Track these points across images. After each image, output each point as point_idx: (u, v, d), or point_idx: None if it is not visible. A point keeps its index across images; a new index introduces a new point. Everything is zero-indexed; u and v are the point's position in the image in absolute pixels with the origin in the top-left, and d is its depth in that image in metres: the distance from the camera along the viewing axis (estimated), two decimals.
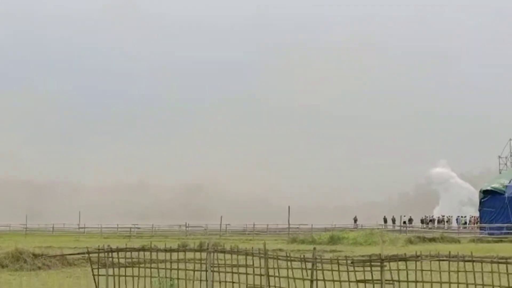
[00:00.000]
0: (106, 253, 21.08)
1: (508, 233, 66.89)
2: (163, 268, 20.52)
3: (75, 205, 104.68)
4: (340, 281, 18.33)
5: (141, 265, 20.91)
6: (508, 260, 17.08)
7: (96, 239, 53.84)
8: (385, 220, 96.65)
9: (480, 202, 78.43)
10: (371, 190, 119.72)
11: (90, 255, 21.68)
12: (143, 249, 21.27)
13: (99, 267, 20.96)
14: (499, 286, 16.79)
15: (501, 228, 69.86)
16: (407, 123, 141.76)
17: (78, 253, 25.58)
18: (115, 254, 21.04)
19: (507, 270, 16.76)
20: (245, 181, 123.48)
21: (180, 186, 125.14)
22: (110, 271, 20.66)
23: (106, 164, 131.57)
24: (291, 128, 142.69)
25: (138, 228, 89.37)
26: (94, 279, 20.66)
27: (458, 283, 17.27)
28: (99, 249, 21.24)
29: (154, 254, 20.89)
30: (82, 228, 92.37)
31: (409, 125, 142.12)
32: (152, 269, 20.60)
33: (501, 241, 60.61)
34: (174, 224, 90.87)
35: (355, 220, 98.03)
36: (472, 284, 17.03)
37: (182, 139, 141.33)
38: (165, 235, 71.58)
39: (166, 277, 20.14)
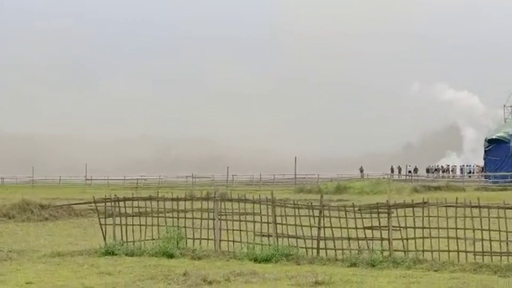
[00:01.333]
0: (113, 203, 21.13)
1: None
2: (170, 217, 20.58)
3: (81, 157, 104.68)
4: (347, 228, 18.41)
5: (148, 215, 20.98)
6: None
7: (103, 190, 53.98)
8: (392, 170, 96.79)
9: (485, 151, 78.52)
10: (376, 140, 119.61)
11: (97, 205, 21.74)
12: (150, 198, 21.31)
13: (106, 216, 21.03)
14: (505, 231, 16.85)
15: (505, 177, 69.94)
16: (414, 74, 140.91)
17: (85, 203, 25.66)
18: (121, 204, 21.10)
19: None
20: (251, 134, 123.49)
21: (186, 139, 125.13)
22: (117, 221, 20.73)
23: (109, 118, 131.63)
24: (294, 83, 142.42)
25: (145, 179, 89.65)
26: (101, 229, 20.74)
27: (465, 228, 17.34)
28: (105, 199, 21.28)
29: (161, 204, 20.95)
30: (89, 180, 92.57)
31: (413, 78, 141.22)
32: (159, 218, 20.68)
33: (506, 189, 60.77)
34: (181, 176, 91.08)
35: (362, 170, 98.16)
36: (479, 229, 17.09)
37: (187, 93, 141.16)
38: (172, 186, 71.74)
39: (173, 226, 20.19)
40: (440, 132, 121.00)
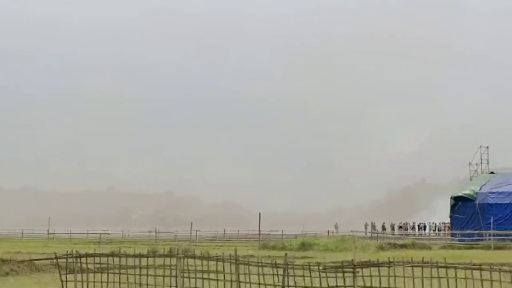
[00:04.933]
0: (74, 259, 20.74)
1: (478, 240, 67.11)
2: (132, 274, 20.22)
3: (45, 211, 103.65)
4: None
5: (110, 271, 20.58)
6: (482, 266, 16.95)
7: (66, 245, 53.24)
8: (366, 227, 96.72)
9: (451, 209, 78.66)
10: (341, 197, 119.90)
11: (59, 260, 21.30)
12: (112, 254, 20.95)
13: (68, 272, 20.60)
14: None
15: (472, 235, 70.01)
16: (381, 133, 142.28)
17: (46, 258, 25.13)
18: (83, 260, 20.72)
19: (480, 276, 16.64)
20: (215, 188, 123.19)
21: (150, 194, 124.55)
22: (79, 277, 20.32)
23: (75, 172, 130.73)
24: (263, 133, 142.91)
25: (108, 234, 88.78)
26: (62, 285, 20.30)
27: None
28: (67, 255, 20.90)
29: (123, 260, 20.58)
30: (51, 234, 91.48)
31: (382, 135, 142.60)
32: (121, 275, 20.29)
33: (472, 247, 60.76)
34: (144, 231, 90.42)
35: (336, 227, 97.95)
36: None
37: (152, 147, 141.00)
38: (134, 241, 70.95)
39: (135, 283, 19.83)
40: (409, 189, 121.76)
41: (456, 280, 16.96)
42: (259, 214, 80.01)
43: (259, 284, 18.74)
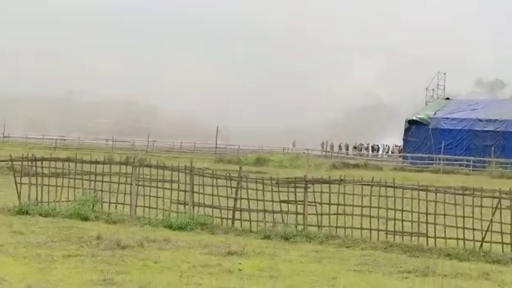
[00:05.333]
0: (29, 162, 20.87)
1: (429, 163, 68.35)
2: (87, 180, 20.47)
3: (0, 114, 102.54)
4: (264, 201, 18.56)
5: (65, 176, 20.79)
6: (428, 188, 17.50)
7: (21, 148, 53.10)
8: (322, 145, 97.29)
9: (405, 132, 79.75)
10: (299, 115, 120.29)
11: (14, 163, 21.40)
12: (68, 159, 21.13)
13: (22, 175, 20.75)
14: (417, 212, 17.24)
15: (423, 158, 71.24)
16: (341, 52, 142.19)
17: (1, 160, 25.19)
18: (39, 164, 20.87)
19: (426, 197, 17.21)
20: (174, 99, 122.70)
21: (109, 101, 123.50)
22: (34, 180, 20.48)
23: (34, 73, 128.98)
24: (223, 48, 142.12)
25: (64, 140, 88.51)
26: (17, 188, 20.44)
27: (379, 207, 17.66)
28: (23, 158, 21.01)
29: (79, 166, 20.78)
30: (6, 137, 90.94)
31: (345, 54, 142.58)
32: (76, 180, 20.51)
33: (422, 170, 61.96)
34: (101, 138, 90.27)
35: (294, 144, 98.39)
36: (392, 209, 17.43)
37: (113, 50, 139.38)
38: (91, 149, 71.00)
39: (90, 189, 20.09)
40: (366, 110, 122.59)
41: (402, 199, 17.52)
42: (217, 128, 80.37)
43: (213, 195, 19.13)
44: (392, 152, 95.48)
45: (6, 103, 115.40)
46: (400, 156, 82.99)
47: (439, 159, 67.94)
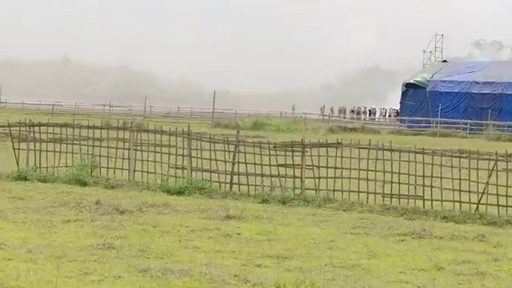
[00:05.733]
0: (27, 127, 20.90)
1: (426, 127, 68.42)
2: (85, 145, 20.51)
3: None
4: (261, 165, 18.64)
5: (63, 142, 20.82)
6: (425, 150, 17.58)
7: (18, 114, 53.08)
8: (322, 110, 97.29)
9: (402, 95, 79.65)
10: (296, 79, 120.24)
11: (11, 128, 21.44)
12: (65, 125, 21.16)
13: (20, 141, 20.79)
14: (414, 175, 17.33)
15: (420, 122, 71.31)
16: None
17: None
18: (36, 129, 20.90)
19: (423, 160, 17.29)
20: (171, 65, 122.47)
21: (104, 67, 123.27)
22: (31, 146, 20.53)
23: (28, 39, 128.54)
24: (219, 15, 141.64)
25: (61, 105, 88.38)
26: (15, 153, 20.48)
27: (376, 170, 17.74)
28: (20, 123, 21.04)
29: (76, 131, 20.82)
30: (2, 103, 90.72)
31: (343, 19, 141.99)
32: (74, 146, 20.56)
33: (420, 134, 62.08)
34: (98, 104, 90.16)
35: (293, 108, 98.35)
36: (389, 172, 17.52)
37: (106, 18, 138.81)
38: (88, 114, 70.98)
39: (88, 154, 20.14)
40: (363, 73, 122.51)
41: (399, 162, 17.62)
42: (214, 92, 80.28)
43: (210, 159, 19.20)
44: (389, 116, 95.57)
45: (2, 67, 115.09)
46: (397, 120, 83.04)
47: (436, 122, 68.02)
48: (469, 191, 16.57)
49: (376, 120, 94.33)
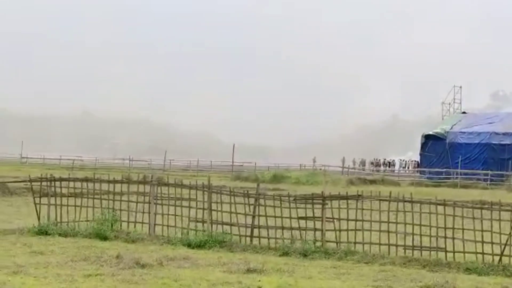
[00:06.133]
0: (48, 182, 21.00)
1: (446, 178, 68.15)
2: (105, 199, 20.56)
3: (18, 134, 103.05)
4: (282, 217, 18.59)
5: (84, 196, 20.90)
6: (446, 202, 17.48)
7: (39, 169, 53.37)
8: (343, 162, 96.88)
9: (422, 147, 79.56)
10: (313, 132, 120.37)
11: (32, 184, 21.55)
12: (86, 179, 21.24)
13: (41, 196, 20.88)
14: (436, 226, 17.22)
15: (440, 173, 71.08)
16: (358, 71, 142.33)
17: (20, 181, 25.42)
18: (57, 184, 20.99)
19: (444, 211, 17.19)
20: (191, 117, 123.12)
21: (124, 123, 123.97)
22: (52, 201, 20.61)
23: (49, 93, 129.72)
24: (240, 68, 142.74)
25: (81, 160, 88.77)
26: (36, 208, 20.58)
27: (397, 222, 17.64)
28: (41, 178, 21.14)
29: (97, 185, 20.89)
30: (24, 158, 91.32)
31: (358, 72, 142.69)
32: (94, 200, 20.62)
33: (439, 185, 61.80)
34: (118, 158, 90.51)
35: (314, 161, 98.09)
36: (410, 224, 17.42)
37: (126, 70, 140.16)
38: (108, 168, 71.23)
39: (108, 208, 20.17)
40: (382, 126, 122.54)
41: (420, 214, 17.52)
42: (233, 145, 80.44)
43: (231, 212, 19.18)
44: (409, 167, 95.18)
45: (23, 122, 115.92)
46: (417, 171, 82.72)
47: (457, 174, 67.72)
48: (492, 243, 16.43)
49: (396, 171, 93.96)
